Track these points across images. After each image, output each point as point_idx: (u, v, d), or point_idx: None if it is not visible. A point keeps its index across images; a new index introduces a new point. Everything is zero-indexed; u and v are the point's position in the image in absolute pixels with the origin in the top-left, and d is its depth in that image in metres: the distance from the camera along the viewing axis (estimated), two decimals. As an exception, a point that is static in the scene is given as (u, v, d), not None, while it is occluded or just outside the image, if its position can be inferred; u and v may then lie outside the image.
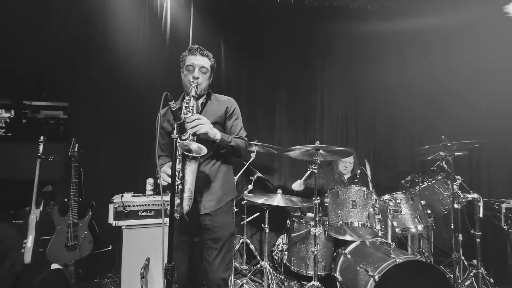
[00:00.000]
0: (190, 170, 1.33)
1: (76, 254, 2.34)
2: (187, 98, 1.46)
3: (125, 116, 3.05)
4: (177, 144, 1.25)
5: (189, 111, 1.42)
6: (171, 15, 3.24)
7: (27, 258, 2.20)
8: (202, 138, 1.42)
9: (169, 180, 1.33)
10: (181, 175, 1.31)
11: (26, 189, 2.33)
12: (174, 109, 1.20)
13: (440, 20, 3.45)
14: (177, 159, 1.28)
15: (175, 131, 1.22)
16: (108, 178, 2.91)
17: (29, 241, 2.24)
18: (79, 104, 3.04)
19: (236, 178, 2.53)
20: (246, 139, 1.68)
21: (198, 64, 1.56)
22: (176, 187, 1.29)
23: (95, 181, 2.82)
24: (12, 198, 2.76)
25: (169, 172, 1.35)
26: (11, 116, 3.92)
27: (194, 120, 1.36)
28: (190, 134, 1.35)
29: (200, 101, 1.65)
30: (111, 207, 2.41)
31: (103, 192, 2.73)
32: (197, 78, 1.52)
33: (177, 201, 1.31)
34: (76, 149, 2.37)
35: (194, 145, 1.35)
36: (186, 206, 1.34)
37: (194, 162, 1.33)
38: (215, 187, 1.59)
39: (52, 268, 2.35)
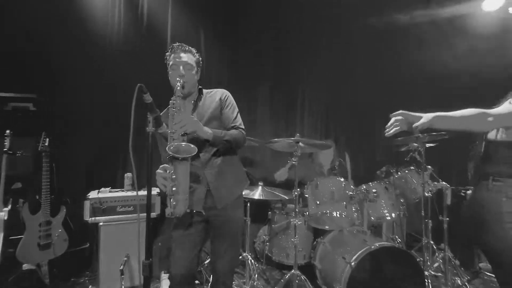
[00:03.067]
0: (182, 171, 1.31)
1: (50, 253, 2.25)
2: (172, 98, 1.41)
3: (100, 108, 2.92)
4: (166, 148, 1.25)
5: (176, 112, 1.38)
6: (148, 4, 3.10)
7: (-4, 259, 2.09)
8: (193, 138, 1.41)
9: (165, 183, 1.31)
10: (173, 176, 1.29)
11: (-8, 186, 2.20)
12: (149, 101, 1.16)
13: (422, 16, 3.54)
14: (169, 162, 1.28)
15: (150, 124, 1.19)
16: (82, 173, 2.80)
17: (-2, 241, 2.12)
18: (50, 95, 2.86)
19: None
20: (242, 127, 1.63)
21: (182, 62, 1.53)
22: (170, 189, 1.29)
23: (69, 177, 2.70)
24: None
25: (163, 175, 1.33)
26: (-27, 109, 3.63)
27: (181, 120, 1.33)
28: (179, 134, 1.33)
29: (192, 98, 1.62)
30: (86, 203, 2.33)
31: (77, 188, 2.63)
32: (183, 75, 1.49)
33: (173, 203, 1.30)
34: (46, 143, 2.25)
35: (183, 145, 1.33)
36: (182, 208, 1.32)
37: (185, 162, 1.31)
38: (227, 180, 1.58)
39: (24, 268, 2.25)
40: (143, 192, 1.60)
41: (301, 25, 3.51)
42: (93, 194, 2.39)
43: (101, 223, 2.34)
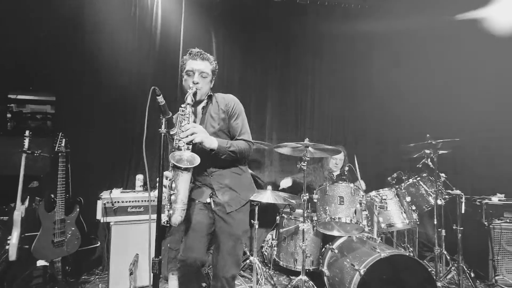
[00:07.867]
0: (183, 181, 1.30)
1: (63, 251, 2.31)
2: (182, 105, 1.41)
3: (114, 111, 3.01)
4: (169, 156, 1.26)
5: (184, 119, 1.38)
6: (162, 9, 3.19)
7: (12, 255, 2.16)
8: (199, 147, 1.41)
9: (164, 191, 1.30)
10: (173, 185, 1.28)
11: (11, 185, 2.29)
12: (162, 103, 1.20)
13: (432, 21, 3.49)
14: (170, 168, 1.29)
15: (162, 126, 1.22)
16: (96, 174, 2.88)
17: (14, 238, 2.19)
18: (67, 98, 2.98)
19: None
20: (248, 139, 1.63)
21: (198, 69, 1.53)
22: (168, 197, 1.29)
23: (83, 177, 2.78)
24: (-3, 194, 2.70)
25: (164, 181, 1.31)
26: (-5, 110, 3.80)
27: (189, 129, 1.34)
28: (185, 143, 1.34)
29: (201, 105, 1.62)
30: (99, 203, 2.39)
31: (91, 188, 2.69)
32: (197, 83, 1.49)
33: (170, 211, 1.30)
34: (63, 144, 2.33)
35: (187, 155, 1.33)
36: (178, 217, 1.33)
37: (187, 172, 1.30)
38: (232, 189, 1.61)
39: (38, 264, 2.32)
40: (154, 193, 1.64)
41: (310, 30, 3.53)
42: (105, 194, 2.45)
43: (112, 223, 2.39)
